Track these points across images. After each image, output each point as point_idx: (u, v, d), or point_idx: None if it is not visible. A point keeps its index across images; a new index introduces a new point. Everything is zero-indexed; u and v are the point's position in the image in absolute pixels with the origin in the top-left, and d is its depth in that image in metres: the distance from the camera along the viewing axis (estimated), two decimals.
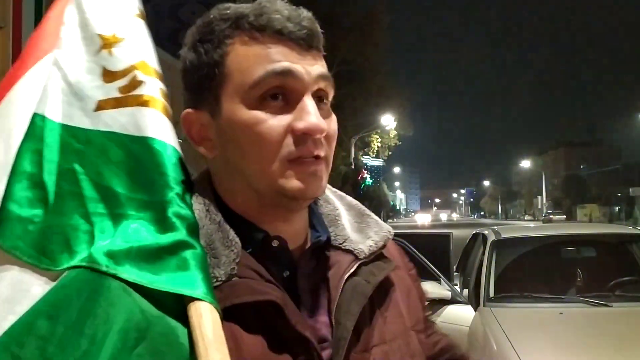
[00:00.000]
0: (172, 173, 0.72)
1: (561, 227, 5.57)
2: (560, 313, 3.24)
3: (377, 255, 0.79)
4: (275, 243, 0.72)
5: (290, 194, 0.68)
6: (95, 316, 0.59)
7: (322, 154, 0.69)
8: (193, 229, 0.68)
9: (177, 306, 0.63)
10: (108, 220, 0.69)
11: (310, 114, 0.66)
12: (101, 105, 0.77)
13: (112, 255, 0.64)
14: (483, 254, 4.06)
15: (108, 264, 0.63)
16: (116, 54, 0.82)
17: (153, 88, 0.80)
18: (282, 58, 0.67)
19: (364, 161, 38.70)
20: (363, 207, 0.86)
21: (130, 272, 0.63)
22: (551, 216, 60.15)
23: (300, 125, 0.66)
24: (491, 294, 3.59)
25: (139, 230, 0.67)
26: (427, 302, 0.96)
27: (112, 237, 0.67)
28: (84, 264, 0.63)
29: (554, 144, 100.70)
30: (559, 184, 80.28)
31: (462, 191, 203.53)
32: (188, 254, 0.66)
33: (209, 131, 0.72)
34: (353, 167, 28.14)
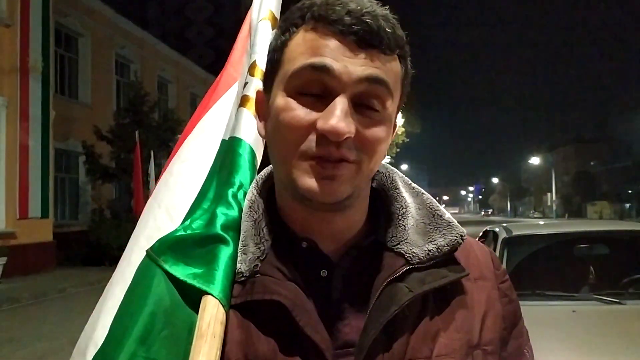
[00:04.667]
0: (240, 171, 0.84)
1: (573, 225, 5.49)
2: (573, 311, 3.20)
3: (444, 261, 0.74)
4: (304, 244, 0.72)
5: (302, 191, 0.66)
6: (138, 296, 0.71)
7: (350, 157, 0.65)
8: (231, 225, 0.75)
9: (199, 296, 0.69)
10: (199, 212, 0.80)
11: (334, 116, 0.62)
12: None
13: (162, 243, 0.75)
14: (494, 251, 4.02)
15: (157, 252, 0.74)
16: (248, 63, 0.98)
17: (253, 88, 0.91)
18: (326, 53, 0.64)
19: None
20: (437, 207, 0.79)
21: (167, 262, 0.72)
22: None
23: (320, 124, 0.63)
24: None
25: (196, 223, 0.77)
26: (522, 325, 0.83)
27: (182, 227, 0.78)
28: (149, 248, 0.75)
29: (563, 140, 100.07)
30: (569, 181, 79.76)
31: (471, 188, 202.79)
32: (218, 248, 0.72)
33: (266, 113, 0.73)
34: None
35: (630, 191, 61.07)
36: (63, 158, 17.01)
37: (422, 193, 0.81)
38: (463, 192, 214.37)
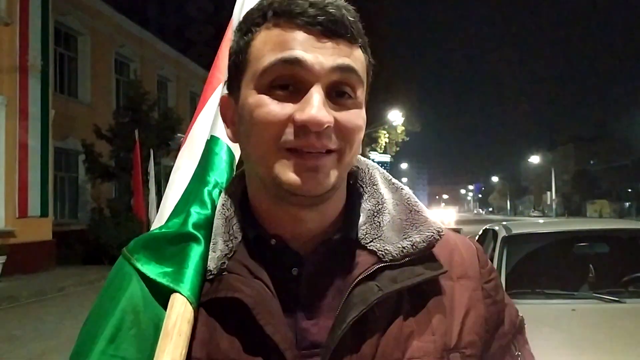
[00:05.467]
0: (215, 170, 0.85)
1: (573, 223, 5.49)
2: (573, 309, 3.20)
3: (420, 258, 0.71)
4: (273, 241, 0.71)
5: (286, 186, 0.65)
6: (111, 295, 0.71)
7: (331, 146, 0.65)
8: (203, 224, 0.75)
9: (169, 294, 0.69)
10: (178, 213, 0.79)
11: (312, 106, 0.62)
12: None
13: (136, 242, 0.75)
14: (493, 250, 4.02)
15: (131, 251, 0.73)
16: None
17: None
18: (295, 46, 0.64)
19: (371, 157, 38.66)
20: (415, 203, 0.76)
21: (139, 260, 0.72)
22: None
23: (298, 115, 0.63)
24: None
25: (172, 222, 0.76)
26: (514, 325, 0.80)
27: (160, 226, 0.78)
28: (125, 247, 0.75)
29: (563, 139, 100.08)
30: (568, 179, 79.79)
31: (471, 187, 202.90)
32: (189, 247, 0.72)
33: (234, 117, 0.72)
34: None
35: (629, 190, 61.14)
36: (62, 157, 17.00)
37: (402, 188, 0.79)
38: (463, 191, 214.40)
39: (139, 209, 11.50)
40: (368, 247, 0.71)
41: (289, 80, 0.64)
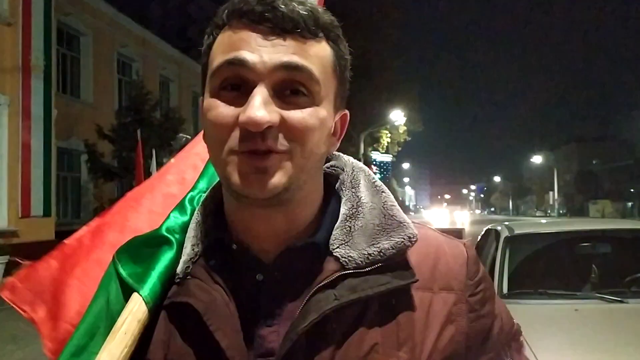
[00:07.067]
0: (205, 177, 0.86)
1: (576, 223, 5.48)
2: (576, 309, 3.19)
3: (389, 266, 0.67)
4: (234, 246, 0.70)
5: (234, 188, 0.64)
6: (98, 294, 0.74)
7: (278, 148, 0.62)
8: (177, 228, 0.76)
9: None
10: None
11: (251, 106, 0.60)
12: None
13: (125, 245, 0.77)
14: (496, 250, 4.02)
15: (118, 253, 0.75)
16: None
17: None
18: (241, 46, 0.63)
19: (373, 157, 38.70)
20: (391, 207, 0.72)
21: (120, 261, 0.74)
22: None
23: (240, 117, 0.61)
24: (505, 290, 3.55)
25: (159, 226, 0.78)
26: (507, 335, 0.77)
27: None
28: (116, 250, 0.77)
29: (566, 139, 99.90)
30: (571, 179, 79.67)
31: (473, 187, 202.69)
32: (161, 249, 0.74)
33: None
34: (362, 162, 28.19)
35: (632, 190, 61.05)
36: (65, 157, 17.02)
37: (382, 191, 0.75)
38: (465, 191, 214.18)
39: None
40: (334, 254, 0.68)
41: (239, 82, 0.63)
